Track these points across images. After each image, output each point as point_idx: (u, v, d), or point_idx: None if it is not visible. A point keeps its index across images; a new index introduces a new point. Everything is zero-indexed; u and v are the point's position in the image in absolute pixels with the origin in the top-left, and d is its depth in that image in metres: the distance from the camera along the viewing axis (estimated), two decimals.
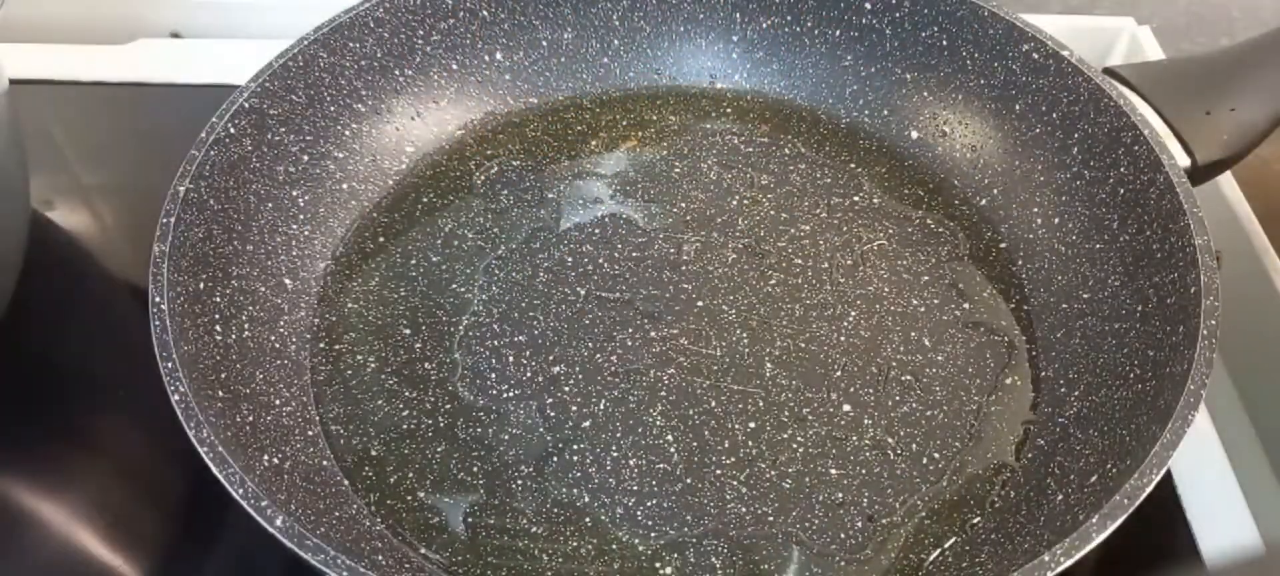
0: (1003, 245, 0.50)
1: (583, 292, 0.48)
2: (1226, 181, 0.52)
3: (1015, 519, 0.39)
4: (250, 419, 0.40)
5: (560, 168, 0.53)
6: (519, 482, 0.41)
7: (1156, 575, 0.43)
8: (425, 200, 0.52)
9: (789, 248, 0.50)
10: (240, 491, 0.33)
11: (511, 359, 0.45)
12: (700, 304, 0.47)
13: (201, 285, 0.42)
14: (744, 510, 0.40)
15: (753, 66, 0.58)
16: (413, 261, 0.49)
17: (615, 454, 0.42)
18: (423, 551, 0.39)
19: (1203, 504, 0.43)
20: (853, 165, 0.54)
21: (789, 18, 0.56)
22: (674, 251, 0.50)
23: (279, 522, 0.32)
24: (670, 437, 0.42)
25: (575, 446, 0.42)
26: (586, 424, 0.43)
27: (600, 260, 0.49)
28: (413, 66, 0.54)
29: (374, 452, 0.42)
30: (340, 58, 0.51)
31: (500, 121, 0.56)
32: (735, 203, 0.52)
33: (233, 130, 0.45)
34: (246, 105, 0.46)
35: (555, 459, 0.42)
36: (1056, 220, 0.49)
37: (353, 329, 0.46)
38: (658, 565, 0.39)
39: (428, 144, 0.54)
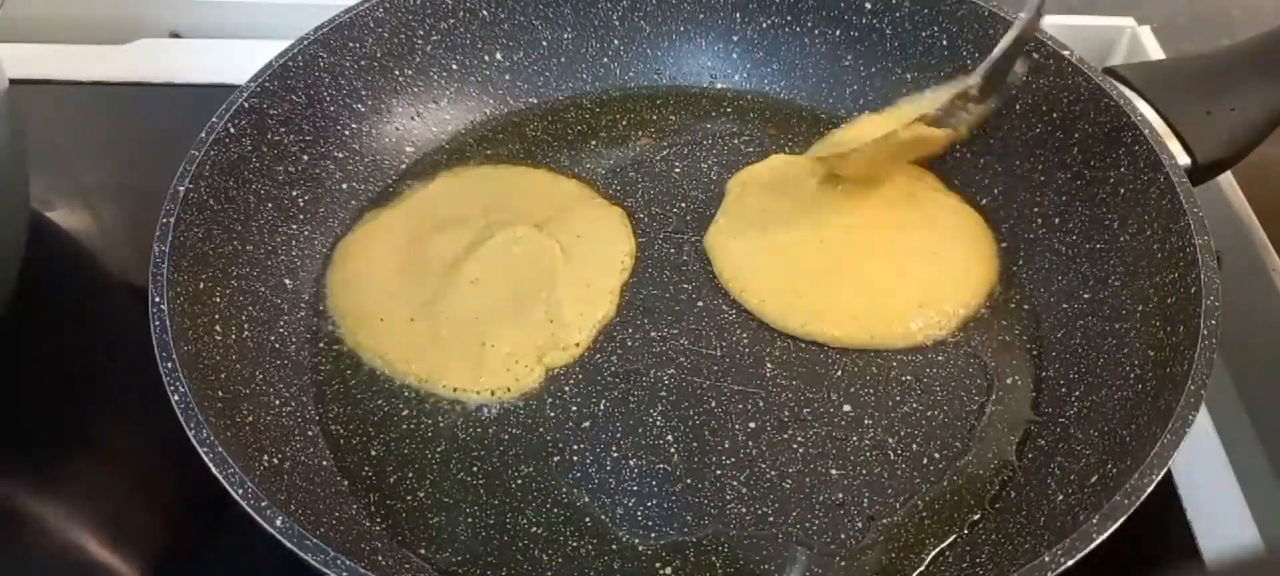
0: (1003, 245, 0.50)
1: None
2: (1226, 181, 0.52)
3: (1015, 519, 0.39)
4: (250, 419, 0.40)
5: (561, 168, 0.53)
6: (519, 482, 0.41)
7: (1156, 575, 0.43)
8: None
9: None
10: (240, 491, 0.33)
11: None
12: (700, 304, 0.47)
13: (201, 285, 0.42)
14: (744, 510, 0.40)
15: (753, 66, 0.58)
16: None
17: (615, 454, 0.42)
18: (423, 551, 0.39)
19: (1203, 504, 0.43)
20: None
21: (789, 18, 0.56)
22: (674, 251, 0.50)
23: (279, 522, 0.32)
24: (670, 437, 0.42)
25: (575, 446, 0.42)
26: (586, 424, 0.43)
27: None
28: (413, 66, 0.54)
29: (374, 452, 0.42)
30: (340, 58, 0.51)
31: (500, 121, 0.56)
32: None
33: (233, 130, 0.45)
34: (246, 105, 0.46)
35: (555, 459, 0.42)
36: (1056, 220, 0.49)
37: None
38: (658, 565, 0.39)
39: (428, 144, 0.54)
